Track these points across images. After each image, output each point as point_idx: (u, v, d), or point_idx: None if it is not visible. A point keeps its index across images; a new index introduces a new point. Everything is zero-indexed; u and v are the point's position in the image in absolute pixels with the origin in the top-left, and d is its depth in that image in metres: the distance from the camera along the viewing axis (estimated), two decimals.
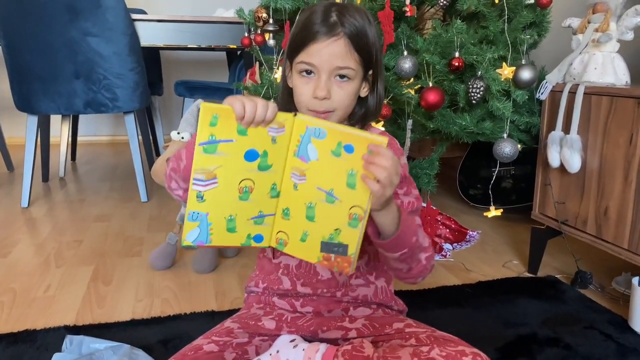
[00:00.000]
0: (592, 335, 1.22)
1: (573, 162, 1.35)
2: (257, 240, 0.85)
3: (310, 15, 0.86)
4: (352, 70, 0.85)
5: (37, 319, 1.28)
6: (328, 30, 0.83)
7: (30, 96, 2.19)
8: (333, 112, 0.87)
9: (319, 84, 0.84)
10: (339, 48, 0.83)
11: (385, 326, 0.93)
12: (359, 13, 0.86)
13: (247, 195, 0.81)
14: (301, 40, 0.85)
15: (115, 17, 2.13)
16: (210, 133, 0.75)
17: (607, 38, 1.36)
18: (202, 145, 0.75)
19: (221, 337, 0.92)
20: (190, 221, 0.79)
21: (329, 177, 0.78)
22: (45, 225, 2.02)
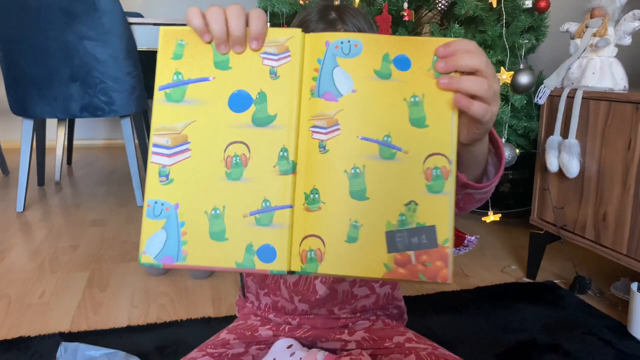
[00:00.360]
0: (591, 341, 1.21)
1: (571, 167, 1.35)
2: (266, 256, 0.50)
3: (306, 15, 0.82)
4: None
5: (32, 326, 1.26)
6: (326, 27, 0.77)
7: (25, 100, 2.18)
8: None
9: None
10: None
11: (385, 339, 0.91)
12: (358, 12, 0.83)
13: (239, 170, 0.51)
14: None
15: (112, 20, 2.12)
16: (175, 69, 0.52)
17: (605, 43, 1.36)
18: (162, 90, 0.52)
19: (216, 348, 0.90)
20: (151, 218, 0.51)
21: (380, 116, 0.51)
22: (41, 230, 2.01)
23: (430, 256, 0.49)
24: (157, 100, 0.52)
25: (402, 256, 0.49)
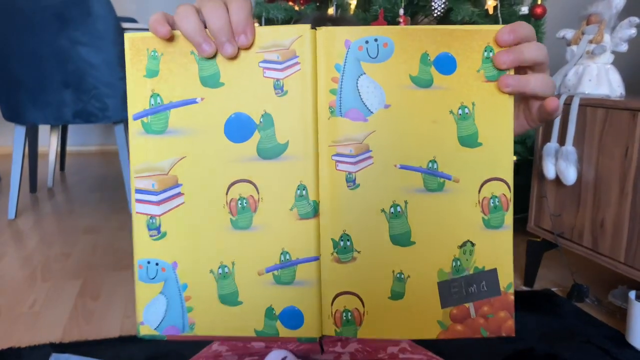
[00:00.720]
0: (589, 350, 1.20)
1: (569, 174, 1.34)
2: (291, 321, 0.42)
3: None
4: None
5: (23, 336, 1.24)
6: None
7: (18, 106, 2.16)
8: None
9: None
10: None
11: (379, 350, 0.90)
12: (353, 23, 0.83)
13: (247, 216, 0.41)
14: None
15: (106, 25, 2.11)
16: (152, 90, 0.41)
17: (601, 50, 1.35)
18: (139, 119, 0.41)
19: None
20: (145, 282, 0.42)
21: (420, 138, 0.41)
22: (32, 237, 1.98)
23: (492, 306, 0.41)
24: (134, 132, 0.41)
25: (459, 310, 0.41)
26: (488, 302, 0.41)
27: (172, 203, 0.41)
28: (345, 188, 0.40)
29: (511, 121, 0.41)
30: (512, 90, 0.41)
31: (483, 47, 0.40)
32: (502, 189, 0.41)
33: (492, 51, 0.40)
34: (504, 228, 0.41)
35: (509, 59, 0.41)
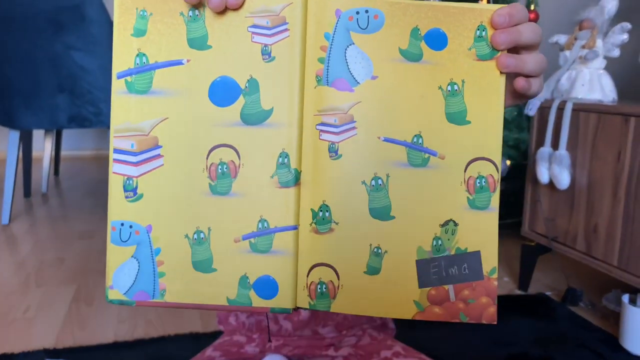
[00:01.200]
0: (583, 354, 1.21)
1: (562, 178, 1.35)
2: (265, 291, 0.41)
3: None
4: None
5: (16, 342, 1.23)
6: None
7: (12, 111, 2.15)
8: None
9: None
10: None
11: (373, 354, 0.90)
12: None
13: (226, 181, 0.41)
14: None
15: (100, 30, 2.11)
16: (138, 49, 0.41)
17: (594, 55, 1.36)
18: (122, 78, 0.42)
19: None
20: (117, 245, 0.41)
21: (407, 111, 0.40)
22: (26, 242, 1.97)
23: (474, 291, 0.40)
24: (116, 91, 0.41)
25: (437, 291, 0.40)
26: (469, 286, 0.40)
27: (150, 165, 0.41)
28: (327, 158, 0.40)
29: (501, 101, 0.41)
30: (510, 70, 0.41)
31: (476, 25, 0.40)
32: (490, 169, 0.40)
33: (485, 30, 0.40)
34: (489, 210, 0.41)
35: (507, 39, 0.41)
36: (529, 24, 0.42)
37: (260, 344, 0.94)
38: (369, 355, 0.90)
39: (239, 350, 0.93)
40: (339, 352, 0.92)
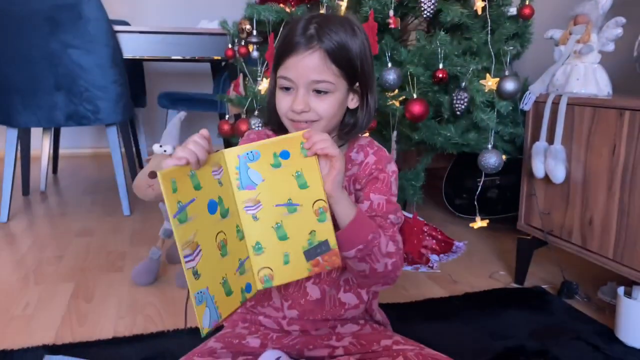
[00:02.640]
0: (579, 346, 1.22)
1: (557, 172, 1.35)
2: (248, 290, 0.82)
3: (290, 28, 0.86)
4: (330, 84, 0.84)
5: (15, 339, 1.24)
6: (304, 42, 0.83)
7: (9, 109, 2.16)
8: (317, 122, 0.87)
9: (297, 98, 0.85)
10: (314, 61, 0.83)
11: (373, 343, 0.92)
12: (341, 25, 0.85)
13: (225, 249, 0.78)
14: (281, 54, 0.86)
15: (97, 28, 2.11)
16: (177, 200, 0.72)
17: (588, 49, 1.37)
18: (176, 217, 0.71)
19: (203, 357, 0.89)
20: (199, 305, 0.73)
21: (282, 190, 0.81)
22: (25, 240, 1.98)
23: (328, 256, 0.82)
24: (175, 225, 0.71)
25: (315, 261, 0.82)
26: (327, 254, 0.82)
27: (198, 257, 0.73)
28: (252, 221, 0.82)
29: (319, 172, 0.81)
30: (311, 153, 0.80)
31: (299, 143, 0.80)
32: (323, 203, 0.81)
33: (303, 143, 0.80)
34: (326, 221, 0.81)
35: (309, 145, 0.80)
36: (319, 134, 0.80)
37: (262, 336, 0.95)
38: (370, 344, 0.92)
39: (240, 342, 0.94)
40: (340, 342, 0.94)
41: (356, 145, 0.97)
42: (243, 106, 1.79)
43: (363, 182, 0.94)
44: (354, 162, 0.95)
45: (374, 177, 0.93)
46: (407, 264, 1.71)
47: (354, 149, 0.97)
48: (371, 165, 0.94)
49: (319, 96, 0.85)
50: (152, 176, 1.42)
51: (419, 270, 1.68)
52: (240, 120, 1.78)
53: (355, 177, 0.94)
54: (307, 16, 0.86)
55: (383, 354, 0.89)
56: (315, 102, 0.85)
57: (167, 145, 1.49)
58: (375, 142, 1.00)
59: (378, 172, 0.94)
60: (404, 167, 2.06)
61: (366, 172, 0.94)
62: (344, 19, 0.87)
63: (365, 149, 0.97)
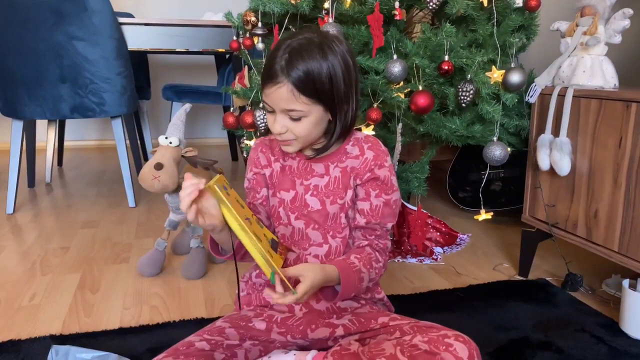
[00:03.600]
0: (583, 338, 1.22)
1: (563, 165, 1.35)
2: None
3: (270, 55, 0.92)
4: (301, 111, 0.90)
5: (22, 329, 1.25)
6: (272, 77, 0.89)
7: (15, 101, 2.16)
8: (295, 140, 0.94)
9: (275, 122, 0.92)
10: (281, 94, 0.88)
11: (371, 320, 0.97)
12: (312, 52, 0.88)
13: None
14: (262, 80, 0.93)
15: (102, 20, 2.11)
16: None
17: (595, 41, 1.36)
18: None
19: (213, 336, 0.94)
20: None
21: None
22: (31, 232, 1.99)
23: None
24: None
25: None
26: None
27: None
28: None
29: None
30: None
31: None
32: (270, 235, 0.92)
33: None
34: None
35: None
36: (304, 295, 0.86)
37: (267, 318, 1.00)
38: (368, 322, 0.98)
39: (247, 324, 0.99)
40: (340, 320, 0.98)
41: (352, 138, 1.04)
42: (248, 98, 1.79)
43: (364, 179, 1.00)
44: (349, 155, 1.02)
45: (374, 175, 1.00)
46: (411, 256, 1.71)
47: (350, 142, 1.03)
48: (370, 161, 1.00)
49: (294, 120, 0.91)
50: (158, 168, 1.43)
51: (423, 263, 1.68)
52: (245, 113, 1.78)
53: (356, 172, 1.01)
54: (284, 44, 0.90)
55: (381, 331, 0.94)
56: (292, 125, 0.92)
57: (172, 137, 1.49)
58: (370, 135, 1.06)
59: (378, 169, 1.00)
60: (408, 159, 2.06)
61: (366, 168, 1.00)
62: (318, 43, 0.90)
63: (360, 143, 1.03)
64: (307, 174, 1.03)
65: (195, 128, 4.04)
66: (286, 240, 1.05)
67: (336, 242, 1.02)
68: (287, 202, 1.03)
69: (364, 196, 1.01)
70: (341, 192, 1.01)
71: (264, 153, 1.06)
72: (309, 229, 1.03)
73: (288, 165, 1.05)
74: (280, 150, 1.05)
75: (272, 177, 1.05)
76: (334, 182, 1.02)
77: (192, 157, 1.52)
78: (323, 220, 1.02)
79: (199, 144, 3.93)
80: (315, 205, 1.02)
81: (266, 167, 1.06)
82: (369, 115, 1.50)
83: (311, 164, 1.03)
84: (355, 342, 0.92)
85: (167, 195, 1.53)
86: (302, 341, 0.99)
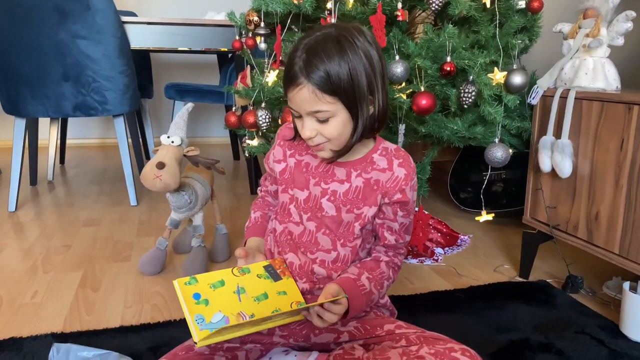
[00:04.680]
0: (583, 340, 1.22)
1: (564, 166, 1.35)
2: None
3: (288, 58, 0.88)
4: (326, 112, 0.85)
5: (24, 327, 1.25)
6: (294, 78, 0.85)
7: (18, 99, 2.17)
8: (327, 142, 0.90)
9: (304, 127, 0.88)
10: (304, 96, 0.85)
11: (377, 328, 0.95)
12: (329, 49, 0.83)
13: None
14: (284, 84, 0.89)
15: (105, 19, 2.11)
16: None
17: (597, 43, 1.36)
18: None
19: None
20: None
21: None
22: (33, 229, 2.00)
23: None
24: None
25: None
26: None
27: None
28: None
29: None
30: None
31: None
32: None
33: None
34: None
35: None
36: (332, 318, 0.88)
37: None
38: (373, 329, 0.95)
39: None
40: (345, 327, 0.96)
41: (381, 147, 0.99)
42: (250, 98, 1.79)
43: (393, 199, 0.97)
44: (376, 166, 0.97)
45: (405, 197, 0.97)
46: (412, 257, 1.71)
47: (378, 150, 0.98)
48: (402, 181, 0.96)
49: (322, 122, 0.87)
50: (160, 167, 1.43)
51: (424, 263, 1.68)
52: (247, 112, 1.78)
53: (385, 190, 0.96)
54: (300, 44, 0.87)
55: (386, 338, 0.93)
56: (321, 127, 0.88)
57: (174, 136, 1.50)
58: (401, 149, 1.01)
59: (410, 190, 0.97)
60: None
61: (396, 188, 0.96)
62: (335, 37, 0.85)
63: (390, 155, 0.98)
64: (327, 177, 0.98)
65: (198, 127, 4.04)
66: (294, 239, 1.01)
67: (345, 250, 0.98)
68: (301, 202, 0.99)
69: (392, 216, 0.98)
70: (359, 203, 0.97)
71: (281, 147, 1.04)
72: (319, 233, 0.98)
73: (305, 162, 1.00)
74: (297, 144, 1.02)
75: (284, 172, 1.02)
76: (354, 191, 0.97)
77: (194, 156, 1.52)
78: (336, 227, 0.98)
79: (201, 143, 3.94)
80: (330, 211, 0.97)
81: (279, 162, 1.03)
82: None
83: (333, 167, 0.98)
84: (360, 347, 0.90)
85: (169, 194, 1.53)
86: (304, 344, 0.98)
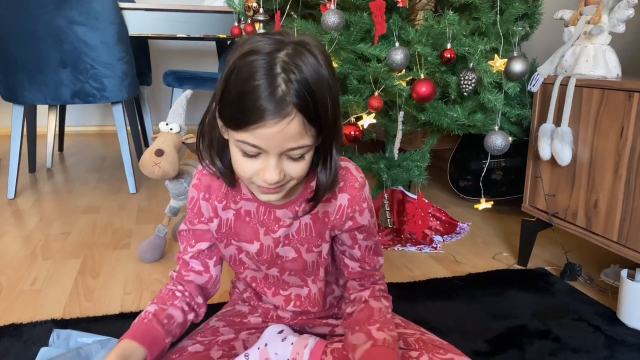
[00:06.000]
0: (581, 327, 1.23)
1: (564, 154, 1.35)
2: None
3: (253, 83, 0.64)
4: (308, 147, 0.69)
5: (24, 313, 1.26)
6: (276, 109, 0.64)
7: (15, 86, 2.16)
8: (286, 185, 0.73)
9: (268, 169, 0.68)
10: (292, 130, 0.65)
11: None
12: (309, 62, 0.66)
13: None
14: (243, 118, 0.65)
15: (103, 5, 2.10)
16: None
17: (598, 30, 1.35)
18: None
19: (206, 336, 0.90)
20: None
21: None
22: (32, 217, 2.00)
23: None
24: None
25: None
26: None
27: None
28: None
29: None
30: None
31: None
32: None
33: None
34: None
35: None
36: None
37: (263, 314, 0.96)
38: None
39: (242, 320, 0.95)
40: (339, 320, 0.95)
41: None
42: None
43: (344, 228, 0.85)
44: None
45: (356, 224, 0.84)
46: (411, 245, 1.71)
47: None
48: (346, 208, 0.83)
49: (292, 160, 0.70)
50: (158, 154, 1.43)
51: (422, 251, 1.69)
52: None
53: (332, 224, 0.84)
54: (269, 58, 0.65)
55: None
56: (289, 166, 0.70)
57: (173, 123, 1.49)
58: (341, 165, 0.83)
59: (359, 216, 0.84)
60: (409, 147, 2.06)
61: (343, 217, 0.83)
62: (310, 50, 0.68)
63: None
64: (271, 223, 0.84)
65: (196, 114, 4.00)
66: (258, 284, 0.93)
67: (317, 286, 0.92)
68: (252, 255, 0.87)
69: (350, 243, 0.87)
70: (316, 240, 0.86)
71: (207, 200, 0.85)
72: (285, 276, 0.90)
73: (245, 210, 0.84)
74: (225, 192, 0.84)
75: (220, 228, 0.86)
76: (305, 230, 0.84)
77: (192, 143, 1.52)
78: (301, 269, 0.89)
79: None
80: (290, 254, 0.87)
81: (211, 221, 0.86)
82: (370, 103, 1.50)
83: (273, 210, 0.83)
84: None
85: (168, 181, 1.53)
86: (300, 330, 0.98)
